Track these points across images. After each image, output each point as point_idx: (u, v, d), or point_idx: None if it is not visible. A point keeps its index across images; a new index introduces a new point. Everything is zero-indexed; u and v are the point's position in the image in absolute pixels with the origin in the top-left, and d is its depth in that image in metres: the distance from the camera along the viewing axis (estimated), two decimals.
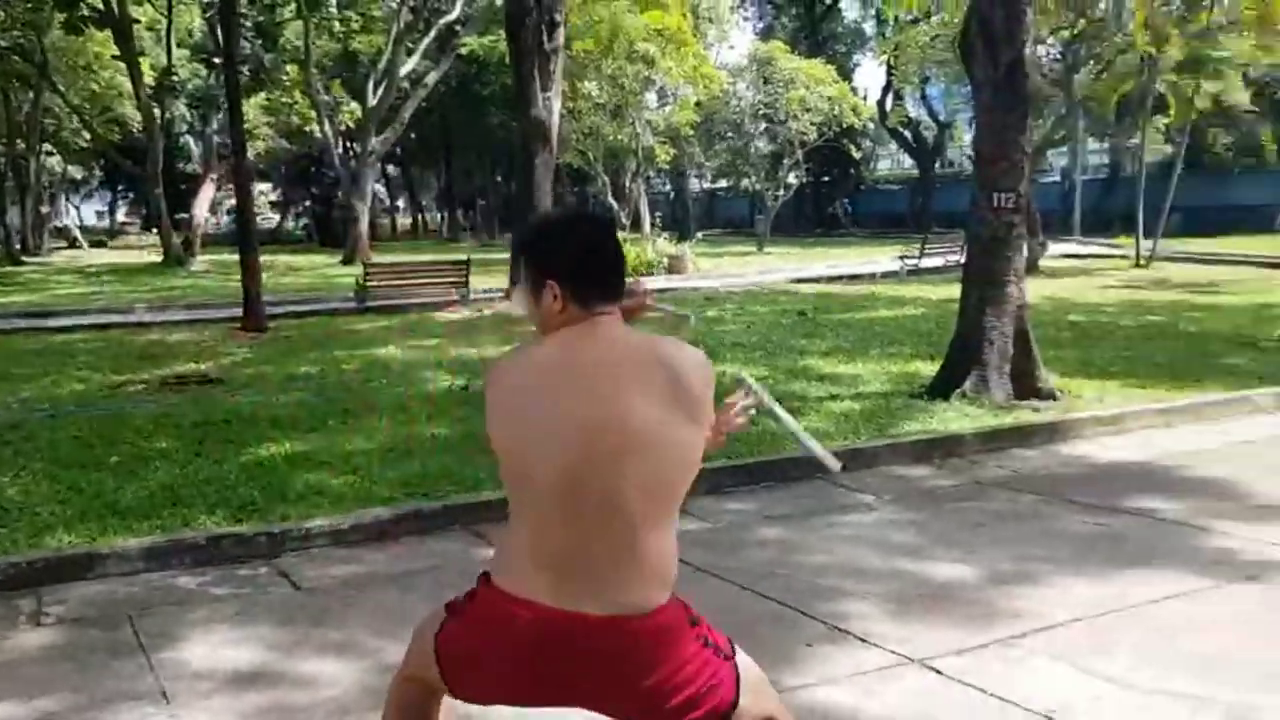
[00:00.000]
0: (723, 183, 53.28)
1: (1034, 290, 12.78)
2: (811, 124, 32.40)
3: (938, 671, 3.80)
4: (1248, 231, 34.62)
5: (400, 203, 65.67)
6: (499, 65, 37.38)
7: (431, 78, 29.36)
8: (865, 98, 41.99)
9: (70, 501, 6.19)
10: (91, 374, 11.03)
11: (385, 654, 4.13)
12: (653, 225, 31.88)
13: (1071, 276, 22.03)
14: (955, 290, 18.71)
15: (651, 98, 30.93)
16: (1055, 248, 27.74)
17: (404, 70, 27.58)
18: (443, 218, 62.99)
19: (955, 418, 8.16)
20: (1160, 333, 12.96)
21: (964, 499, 6.27)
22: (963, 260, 9.98)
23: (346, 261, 28.55)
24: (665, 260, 23.25)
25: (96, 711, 3.73)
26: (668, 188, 43.66)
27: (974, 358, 8.98)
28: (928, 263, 23.42)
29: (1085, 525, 5.61)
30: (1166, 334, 12.82)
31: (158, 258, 31.81)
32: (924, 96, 49.48)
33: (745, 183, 46.66)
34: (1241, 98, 35.04)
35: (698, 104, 32.07)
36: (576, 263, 2.29)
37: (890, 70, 43.43)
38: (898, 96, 48.10)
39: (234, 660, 4.13)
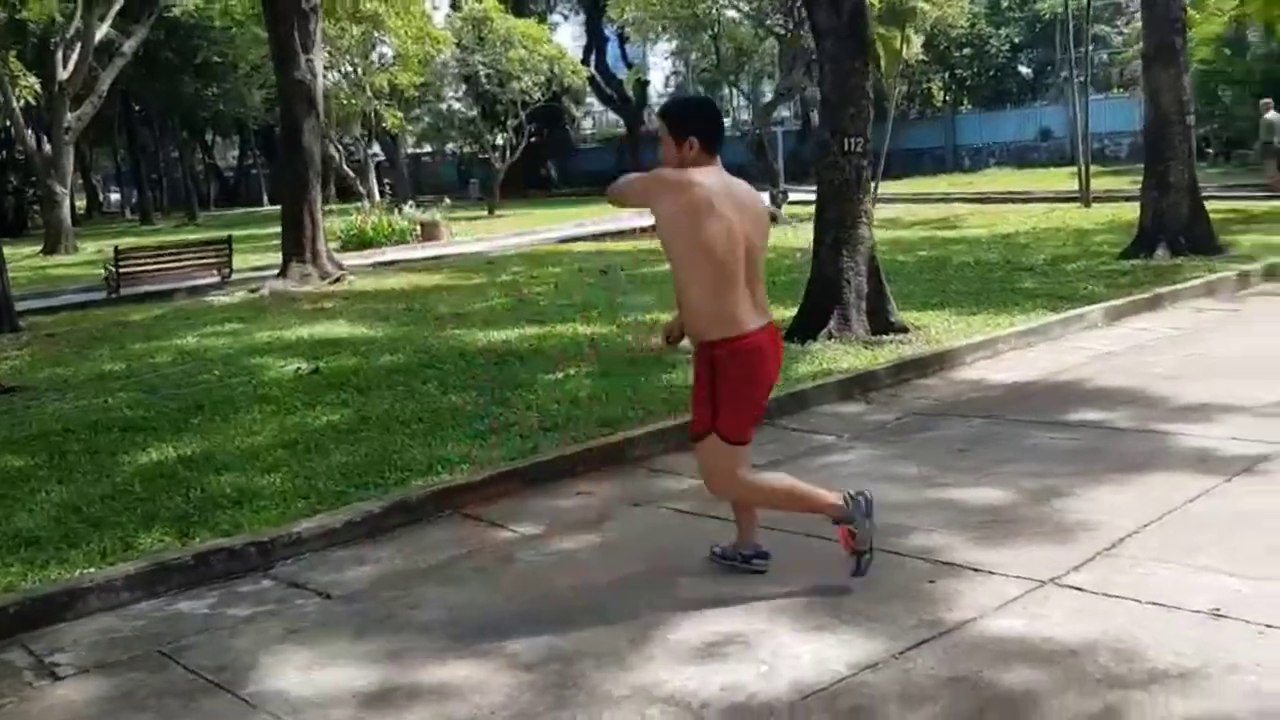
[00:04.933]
0: (427, 147, 52.05)
1: (799, 237, 13.65)
2: (533, 84, 32.23)
3: (1077, 589, 3.92)
4: (926, 172, 37.95)
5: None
6: (193, 30, 34.80)
7: (130, 45, 26.76)
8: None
9: None
10: None
11: (505, 650, 3.79)
12: (382, 193, 30.79)
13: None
14: None
15: (375, 58, 29.65)
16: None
17: (98, 37, 24.92)
18: (123, 197, 57.89)
19: (836, 356, 8.40)
20: (941, 266, 13.85)
21: (921, 429, 6.48)
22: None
23: (50, 250, 25.71)
24: (418, 228, 22.49)
25: None
26: (380, 154, 42.10)
27: (834, 298, 9.27)
28: None
29: (1057, 440, 5.93)
30: (948, 267, 13.71)
31: None
32: (624, 55, 50.31)
33: (451, 146, 45.76)
34: (915, 49, 38.01)
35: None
36: (709, 126, 4.09)
37: (591, 28, 43.85)
38: (600, 54, 48.70)
39: (338, 682, 3.65)
